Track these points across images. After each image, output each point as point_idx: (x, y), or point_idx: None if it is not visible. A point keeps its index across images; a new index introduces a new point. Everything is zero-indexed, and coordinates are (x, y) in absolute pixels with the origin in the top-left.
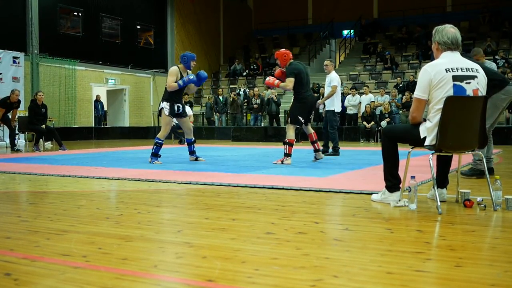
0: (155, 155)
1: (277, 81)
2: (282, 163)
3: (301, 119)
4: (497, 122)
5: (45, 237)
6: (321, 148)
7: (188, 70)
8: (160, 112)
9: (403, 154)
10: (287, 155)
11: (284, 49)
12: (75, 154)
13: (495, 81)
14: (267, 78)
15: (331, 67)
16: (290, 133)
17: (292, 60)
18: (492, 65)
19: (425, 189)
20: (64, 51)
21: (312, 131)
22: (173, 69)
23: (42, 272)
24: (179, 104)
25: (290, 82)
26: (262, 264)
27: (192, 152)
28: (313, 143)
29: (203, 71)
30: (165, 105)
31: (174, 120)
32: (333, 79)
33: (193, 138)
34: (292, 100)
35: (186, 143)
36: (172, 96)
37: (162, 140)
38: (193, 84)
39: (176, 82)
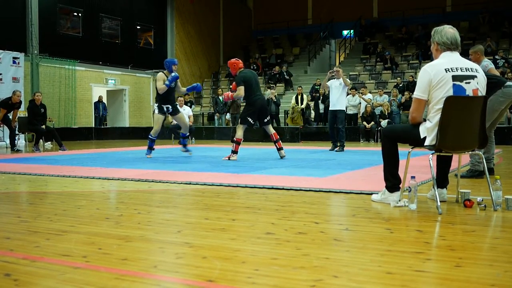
0: (150, 148)
1: (230, 93)
2: (229, 159)
3: (250, 120)
4: (498, 122)
5: (45, 238)
6: (282, 147)
7: (171, 73)
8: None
9: (403, 154)
10: (234, 152)
11: (235, 59)
12: (75, 154)
13: (491, 82)
14: (223, 95)
15: (341, 72)
16: (239, 133)
17: (241, 69)
18: (485, 63)
19: (425, 189)
20: (64, 51)
21: (272, 131)
22: (160, 75)
23: (42, 273)
24: (168, 105)
25: (240, 90)
26: (262, 264)
27: (184, 145)
28: (274, 142)
29: (199, 84)
30: (155, 106)
31: (174, 122)
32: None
33: (187, 133)
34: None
35: (180, 136)
36: (161, 98)
37: (154, 137)
38: (184, 88)
39: (164, 84)
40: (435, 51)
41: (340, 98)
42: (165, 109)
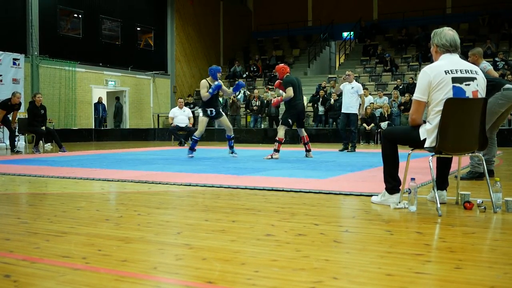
0: (191, 149)
1: (278, 98)
2: (272, 157)
3: (290, 121)
4: (500, 125)
5: (44, 239)
6: (310, 149)
7: (215, 80)
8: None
9: (403, 156)
10: (276, 150)
11: (282, 64)
12: (75, 155)
13: (490, 84)
14: (272, 101)
15: (353, 76)
16: (281, 133)
17: (288, 74)
18: (483, 65)
19: (425, 191)
20: (64, 52)
21: (305, 134)
22: (203, 82)
23: (42, 274)
24: (212, 109)
25: (289, 91)
26: (262, 265)
27: (230, 147)
28: (305, 144)
29: (241, 81)
30: (200, 110)
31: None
32: (360, 87)
33: (232, 135)
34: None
35: (226, 138)
36: (205, 103)
37: (198, 137)
38: (230, 89)
39: (207, 92)
40: (435, 53)
41: (352, 101)
42: (208, 112)
